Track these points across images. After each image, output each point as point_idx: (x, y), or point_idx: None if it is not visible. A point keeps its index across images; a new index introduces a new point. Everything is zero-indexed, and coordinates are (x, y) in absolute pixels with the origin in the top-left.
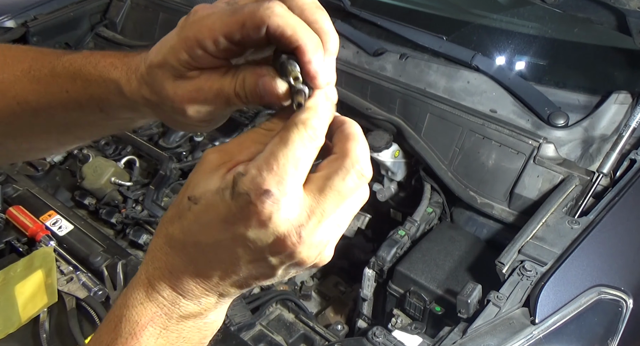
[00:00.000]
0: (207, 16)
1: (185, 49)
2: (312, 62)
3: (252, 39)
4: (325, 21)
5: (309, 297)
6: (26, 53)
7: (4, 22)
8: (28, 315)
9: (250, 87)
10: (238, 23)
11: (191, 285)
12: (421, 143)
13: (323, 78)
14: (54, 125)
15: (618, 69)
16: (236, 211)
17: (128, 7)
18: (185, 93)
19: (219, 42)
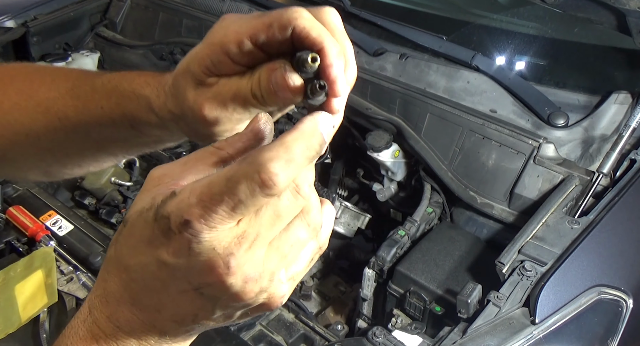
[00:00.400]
0: (234, 21)
1: (208, 54)
2: (333, 66)
3: (277, 39)
4: (350, 50)
5: (309, 297)
6: (72, 73)
7: (4, 22)
8: (28, 315)
9: (265, 84)
10: (264, 24)
11: (127, 315)
12: (421, 143)
13: (341, 87)
14: (89, 141)
15: (618, 69)
16: (158, 234)
17: (128, 7)
18: (205, 100)
19: (243, 44)
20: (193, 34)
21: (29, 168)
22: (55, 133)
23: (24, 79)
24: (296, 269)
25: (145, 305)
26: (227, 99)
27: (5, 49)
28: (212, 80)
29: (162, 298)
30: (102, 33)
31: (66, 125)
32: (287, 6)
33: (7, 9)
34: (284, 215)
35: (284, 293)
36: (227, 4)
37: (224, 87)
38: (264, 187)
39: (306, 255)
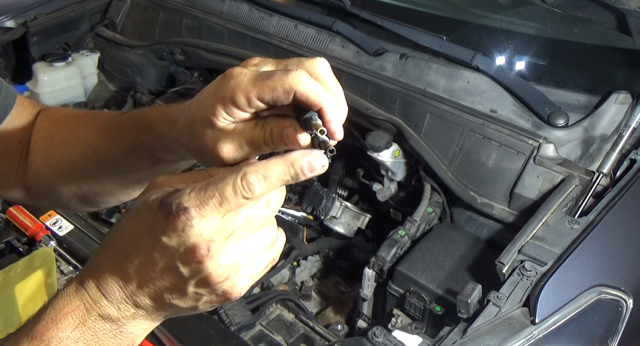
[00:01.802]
0: (242, 80)
1: (222, 106)
2: (332, 122)
3: (280, 100)
4: (341, 96)
5: (309, 297)
6: (109, 113)
7: (4, 22)
8: (28, 315)
9: (277, 137)
10: (269, 87)
11: (114, 286)
12: (421, 143)
13: (340, 134)
14: (117, 170)
15: (618, 69)
16: (159, 218)
17: (128, 7)
18: (223, 143)
19: (252, 101)
20: (193, 34)
21: (70, 198)
22: (90, 163)
23: (73, 118)
24: (254, 270)
25: (132, 278)
26: (243, 144)
27: (5, 49)
28: (228, 126)
29: (146, 274)
30: (102, 33)
31: (98, 156)
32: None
33: (7, 9)
34: (255, 220)
35: (243, 286)
36: (227, 4)
37: (240, 133)
38: (243, 190)
39: (263, 260)
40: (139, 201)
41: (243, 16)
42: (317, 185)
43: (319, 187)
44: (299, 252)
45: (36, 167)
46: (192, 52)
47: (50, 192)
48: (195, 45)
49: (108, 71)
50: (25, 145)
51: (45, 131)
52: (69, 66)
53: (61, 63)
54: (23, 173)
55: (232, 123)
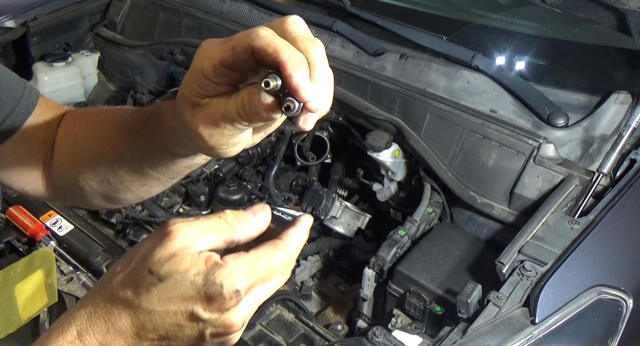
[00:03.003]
0: (208, 47)
1: (194, 80)
2: (292, 77)
3: (243, 61)
4: (314, 52)
5: (309, 297)
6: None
7: (4, 22)
8: (28, 315)
9: (247, 105)
10: (229, 48)
11: (121, 343)
12: (421, 143)
13: (307, 93)
14: (134, 166)
15: (618, 69)
16: (203, 295)
17: (128, 7)
18: (199, 119)
19: (217, 68)
20: (193, 34)
21: (93, 195)
22: (109, 159)
23: (95, 115)
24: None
25: (145, 338)
26: (218, 118)
27: (5, 49)
28: (205, 101)
29: (167, 334)
30: (102, 33)
31: (116, 152)
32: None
33: (7, 9)
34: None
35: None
36: (227, 4)
37: (215, 107)
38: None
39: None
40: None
41: (243, 16)
42: (317, 185)
43: (319, 186)
44: None
45: (61, 165)
46: (192, 52)
47: (75, 189)
48: (195, 45)
49: (108, 71)
50: (50, 145)
51: (69, 129)
52: (69, 66)
53: (61, 63)
54: (49, 173)
55: (208, 98)
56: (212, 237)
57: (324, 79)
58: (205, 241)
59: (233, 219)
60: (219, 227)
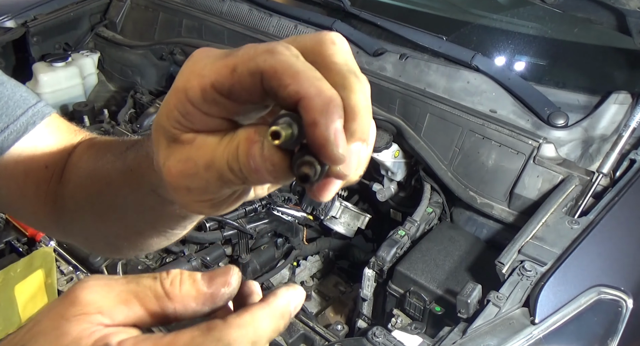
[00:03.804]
0: (199, 59)
1: (175, 103)
2: (319, 125)
3: (245, 89)
4: (357, 91)
5: (309, 297)
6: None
7: (4, 22)
8: (28, 315)
9: (243, 157)
10: (228, 67)
11: None
12: (421, 143)
13: (337, 152)
14: (127, 210)
15: (618, 69)
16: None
17: (128, 7)
18: (174, 164)
19: (207, 93)
20: (193, 34)
21: (95, 240)
22: (104, 199)
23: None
24: None
25: None
26: (200, 168)
27: (5, 49)
28: (187, 137)
29: None
30: (102, 33)
31: (111, 191)
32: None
33: (7, 9)
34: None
35: None
36: (227, 4)
37: (198, 150)
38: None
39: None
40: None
41: (243, 16)
42: None
43: None
44: (299, 252)
45: (63, 200)
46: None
47: (75, 230)
48: (195, 45)
49: (108, 71)
50: (54, 172)
51: (77, 160)
52: (69, 66)
53: (61, 63)
54: (52, 205)
55: (193, 133)
56: (135, 305)
57: (364, 134)
58: (122, 311)
59: (173, 285)
60: (148, 292)
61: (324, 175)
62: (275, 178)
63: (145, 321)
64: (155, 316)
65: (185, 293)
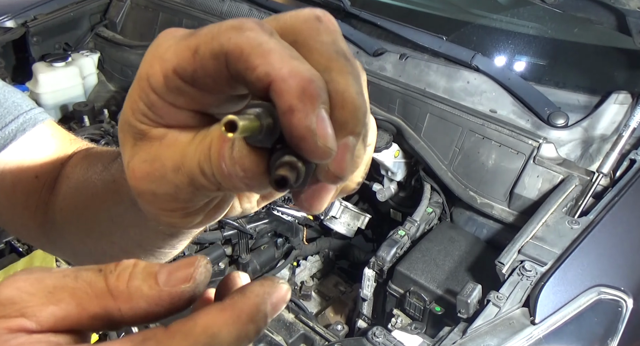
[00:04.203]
0: (164, 42)
1: (138, 93)
2: (296, 110)
3: (210, 74)
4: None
5: (309, 297)
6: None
7: (4, 22)
8: None
9: (215, 159)
10: (190, 49)
11: None
12: (421, 143)
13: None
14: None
15: (618, 69)
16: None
17: (128, 7)
18: (137, 165)
19: (170, 79)
20: None
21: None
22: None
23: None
24: None
25: None
26: (168, 170)
27: (5, 49)
28: (158, 132)
29: None
30: (102, 33)
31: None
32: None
33: (7, 9)
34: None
35: None
36: (227, 4)
37: (167, 149)
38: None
39: None
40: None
41: (243, 16)
42: None
43: None
44: (299, 252)
45: (54, 212)
46: None
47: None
48: None
49: (108, 71)
50: (45, 183)
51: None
52: (69, 66)
53: (61, 63)
54: (43, 217)
55: (163, 128)
56: (69, 305)
57: (358, 126)
58: (52, 312)
59: (120, 279)
60: (87, 289)
61: (309, 178)
62: (249, 186)
63: (85, 325)
64: (97, 319)
65: (134, 290)
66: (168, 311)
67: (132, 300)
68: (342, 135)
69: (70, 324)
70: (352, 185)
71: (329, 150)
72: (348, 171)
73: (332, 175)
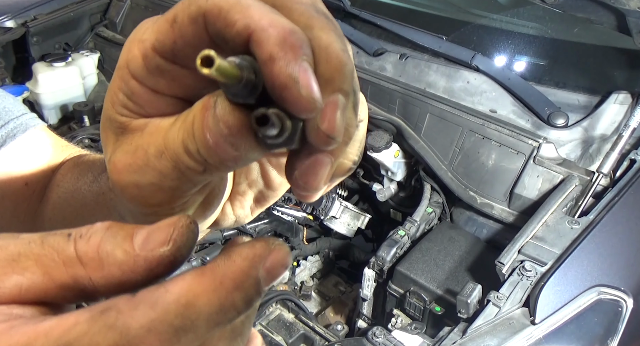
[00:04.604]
0: (142, 25)
1: (118, 84)
2: (277, 59)
3: (189, 42)
4: (326, 30)
5: (309, 297)
6: None
7: (4, 22)
8: None
9: (198, 130)
10: (167, 21)
11: None
12: (421, 143)
13: (307, 91)
14: None
15: (618, 69)
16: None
17: (128, 7)
18: (119, 158)
19: (149, 59)
20: None
21: None
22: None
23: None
24: None
25: None
26: (151, 156)
27: (5, 49)
28: (138, 123)
29: None
30: (102, 33)
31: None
32: None
33: (7, 9)
34: None
35: None
36: None
37: (150, 136)
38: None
39: None
40: None
41: None
42: None
43: None
44: (299, 252)
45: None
46: None
47: None
48: None
49: (108, 71)
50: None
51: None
52: (69, 66)
53: (61, 63)
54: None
55: (143, 119)
56: (34, 274)
57: (346, 83)
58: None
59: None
60: (54, 255)
61: (296, 137)
62: (235, 147)
63: (53, 295)
64: (66, 290)
65: (105, 256)
66: (145, 279)
67: (104, 267)
68: (329, 92)
69: (37, 295)
70: (347, 164)
71: (314, 101)
72: (340, 131)
73: (323, 134)
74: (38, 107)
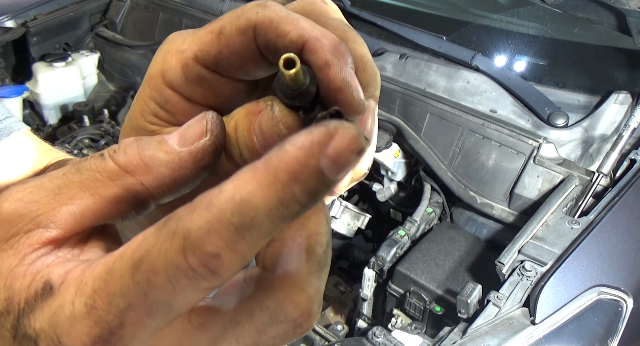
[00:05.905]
0: (177, 38)
1: (150, 94)
2: (332, 65)
3: (237, 52)
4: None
5: None
6: None
7: (4, 22)
8: None
9: (246, 137)
10: (213, 32)
11: None
12: (421, 143)
13: (358, 94)
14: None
15: (618, 69)
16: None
17: (128, 7)
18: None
19: (190, 68)
20: None
21: None
22: None
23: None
24: None
25: None
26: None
27: (5, 48)
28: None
29: None
30: (102, 33)
31: None
32: None
33: (7, 9)
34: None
35: None
36: (227, 4)
37: None
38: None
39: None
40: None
41: None
42: None
43: None
44: None
45: None
46: None
47: None
48: None
49: (108, 71)
50: None
51: None
52: (68, 66)
53: (61, 63)
54: None
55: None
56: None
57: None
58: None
59: (129, 154)
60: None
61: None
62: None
63: (109, 212)
64: (120, 202)
65: (149, 160)
66: (196, 172)
67: (152, 170)
68: (366, 98)
69: (93, 217)
70: (362, 170)
71: (363, 104)
72: (372, 134)
73: (369, 130)
74: (38, 107)
